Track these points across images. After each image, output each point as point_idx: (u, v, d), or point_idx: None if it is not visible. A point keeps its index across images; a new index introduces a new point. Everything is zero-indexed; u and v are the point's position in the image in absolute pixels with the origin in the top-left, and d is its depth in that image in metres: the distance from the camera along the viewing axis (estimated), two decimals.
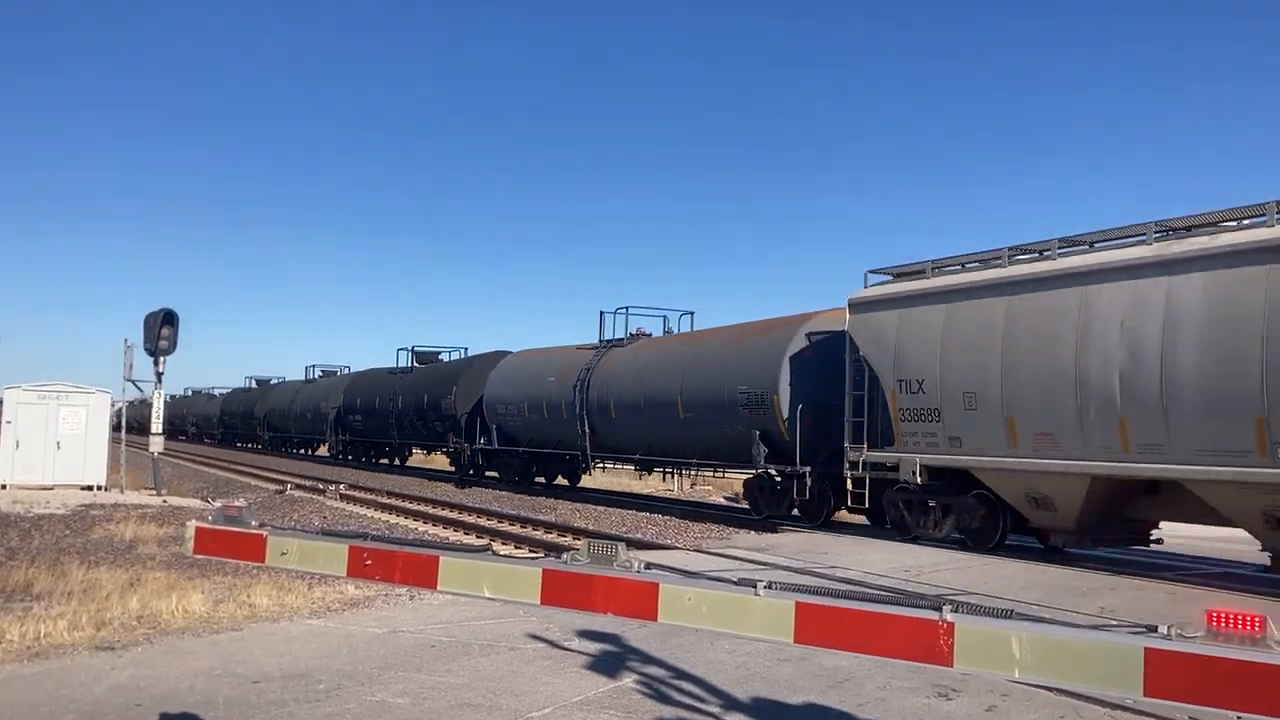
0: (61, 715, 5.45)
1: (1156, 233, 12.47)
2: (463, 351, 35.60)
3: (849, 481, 16.54)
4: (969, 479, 14.62)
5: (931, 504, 15.41)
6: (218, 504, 18.48)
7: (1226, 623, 2.28)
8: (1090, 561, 13.68)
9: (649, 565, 3.11)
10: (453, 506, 22.90)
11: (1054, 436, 13.13)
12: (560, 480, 28.47)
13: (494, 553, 3.40)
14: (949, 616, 2.54)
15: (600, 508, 22.60)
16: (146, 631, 7.66)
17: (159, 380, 23.78)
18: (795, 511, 18.73)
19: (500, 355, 31.21)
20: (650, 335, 25.35)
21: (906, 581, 11.23)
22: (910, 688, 6.36)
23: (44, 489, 22.12)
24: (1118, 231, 13.19)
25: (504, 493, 27.04)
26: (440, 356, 37.58)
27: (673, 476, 25.31)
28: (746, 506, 20.98)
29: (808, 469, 17.60)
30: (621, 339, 25.36)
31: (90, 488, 22.86)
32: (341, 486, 26.49)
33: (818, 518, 18.14)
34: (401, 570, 3.37)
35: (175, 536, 14.43)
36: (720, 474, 23.82)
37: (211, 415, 66.41)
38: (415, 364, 38.13)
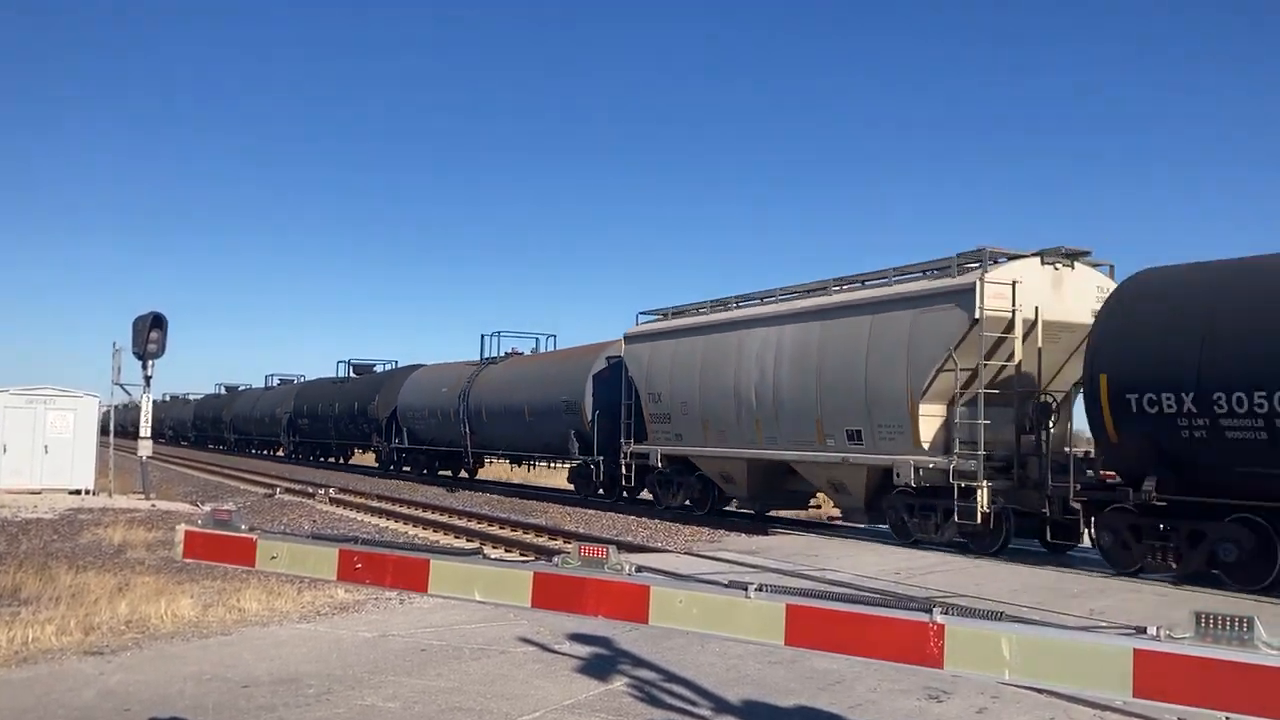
0: None
1: (782, 296, 18.28)
2: (394, 363, 41.35)
3: (623, 467, 22.13)
4: (689, 463, 20.55)
5: (672, 482, 21.40)
6: (207, 508, 18.44)
7: (1215, 624, 2.29)
8: (1083, 564, 13.71)
9: (640, 568, 3.11)
10: (443, 510, 22.86)
11: (726, 433, 18.97)
12: (462, 474, 33.80)
13: (485, 556, 3.39)
14: (939, 618, 2.54)
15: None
16: (135, 636, 7.63)
17: (147, 384, 23.69)
18: (600, 491, 24.34)
19: (412, 369, 36.85)
20: (522, 354, 30.66)
21: (897, 584, 11.26)
22: (901, 690, 6.37)
23: (32, 493, 22.02)
24: (761, 294, 18.98)
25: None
26: (375, 368, 42.51)
27: (532, 468, 30.46)
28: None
29: (602, 458, 23.24)
30: (496, 357, 30.83)
31: (78, 492, 22.78)
32: (331, 490, 26.43)
33: (612, 495, 23.86)
34: (392, 574, 3.36)
35: (164, 541, 14.38)
36: (552, 465, 28.85)
37: (186, 419, 69.87)
38: (352, 374, 43.19)
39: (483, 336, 32.76)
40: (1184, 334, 11.66)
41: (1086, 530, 13.82)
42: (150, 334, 22.84)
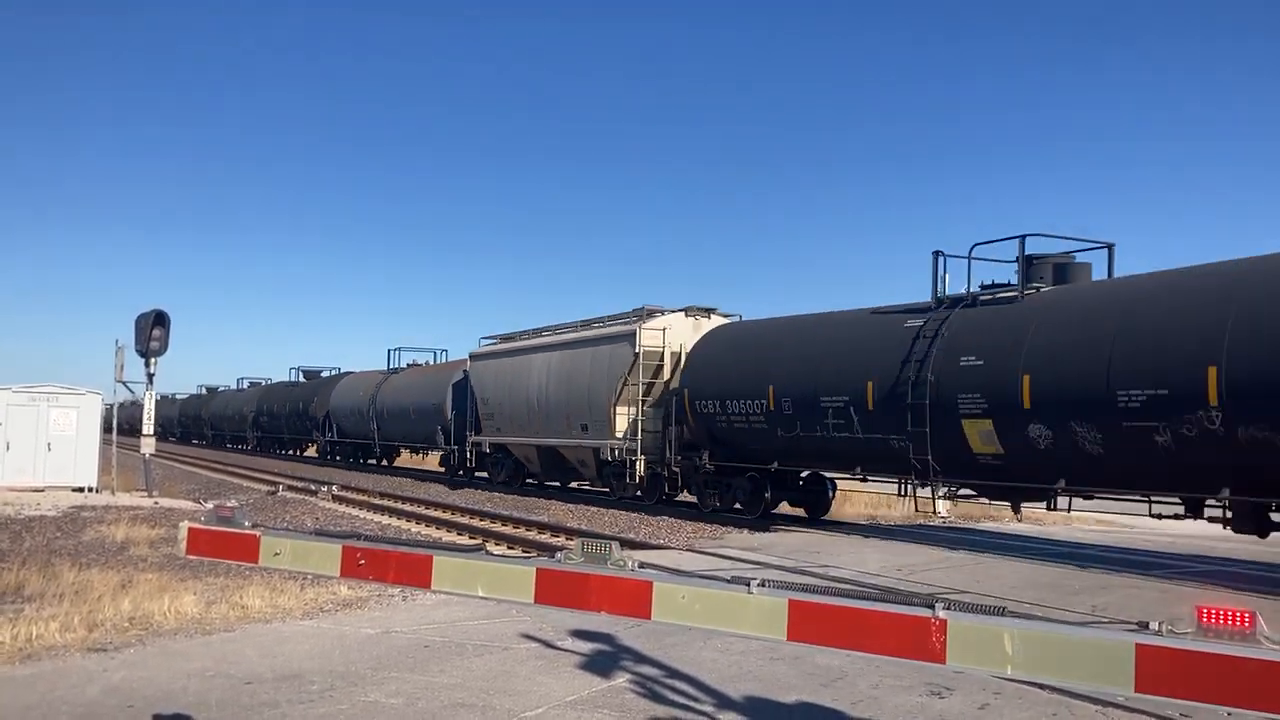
0: (54, 717, 5.44)
1: (552, 331, 26.06)
2: (338, 369, 48.85)
3: (470, 451, 29.33)
4: (506, 449, 27.61)
5: (498, 463, 28.36)
6: (210, 505, 18.43)
7: (1217, 619, 2.29)
8: (1084, 561, 13.71)
9: (642, 564, 3.12)
10: (444, 507, 22.88)
11: (524, 427, 25.95)
12: (384, 462, 41.21)
13: (488, 552, 3.40)
14: (941, 614, 2.55)
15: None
16: (139, 633, 7.64)
17: (150, 381, 23.70)
18: (460, 472, 31.38)
19: (342, 376, 44.99)
20: (420, 365, 38.51)
21: (900, 580, 11.26)
22: (903, 686, 6.38)
23: (35, 491, 22.04)
24: (546, 328, 26.57)
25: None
26: (321, 374, 50.34)
27: (424, 456, 39.02)
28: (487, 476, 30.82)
29: (456, 447, 30.47)
30: (399, 368, 39.05)
31: (82, 489, 22.79)
32: (334, 487, 26.46)
33: (464, 472, 31.12)
34: (395, 570, 3.37)
35: (167, 538, 14.40)
36: (424, 454, 38.12)
37: (172, 417, 75.85)
38: (301, 379, 52.15)
39: (389, 351, 44.74)
40: (717, 366, 19.47)
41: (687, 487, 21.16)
42: (153, 331, 22.85)
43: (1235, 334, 10.91)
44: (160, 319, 22.96)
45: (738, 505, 19.60)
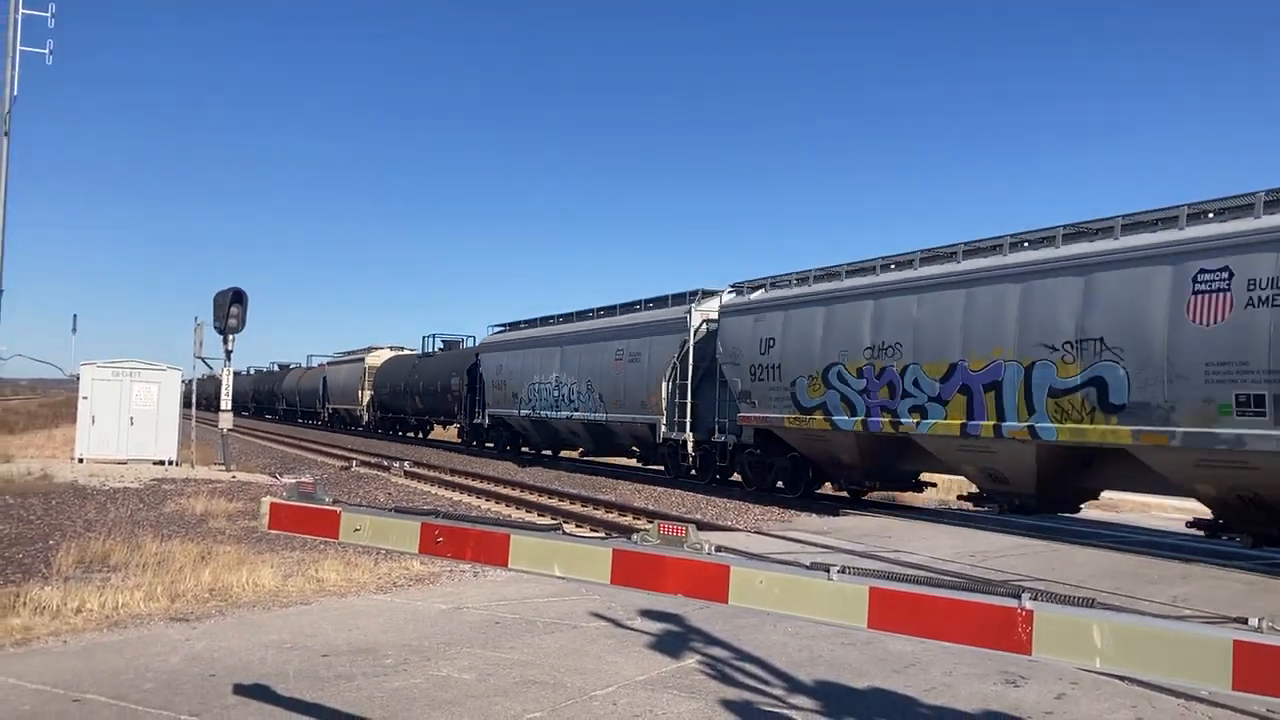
0: (140, 683, 5.60)
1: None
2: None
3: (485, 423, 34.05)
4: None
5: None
6: (288, 480, 18.75)
7: None
8: (1162, 550, 13.39)
9: (719, 548, 3.10)
10: (512, 484, 23.10)
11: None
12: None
13: (564, 532, 3.41)
14: (1028, 604, 2.49)
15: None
16: (218, 604, 7.83)
17: (228, 358, 24.22)
18: (474, 442, 36.53)
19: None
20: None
21: (973, 566, 11.11)
22: (977, 674, 6.29)
23: (119, 463, 22.70)
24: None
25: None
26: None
27: (446, 428, 44.00)
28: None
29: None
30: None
31: (162, 463, 23.42)
32: (406, 464, 26.85)
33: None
34: (473, 548, 3.39)
35: (244, 511, 14.73)
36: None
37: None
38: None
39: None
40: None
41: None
42: (231, 309, 23.32)
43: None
44: (238, 297, 23.42)
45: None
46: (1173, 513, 19.29)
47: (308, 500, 3.83)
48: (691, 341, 22.12)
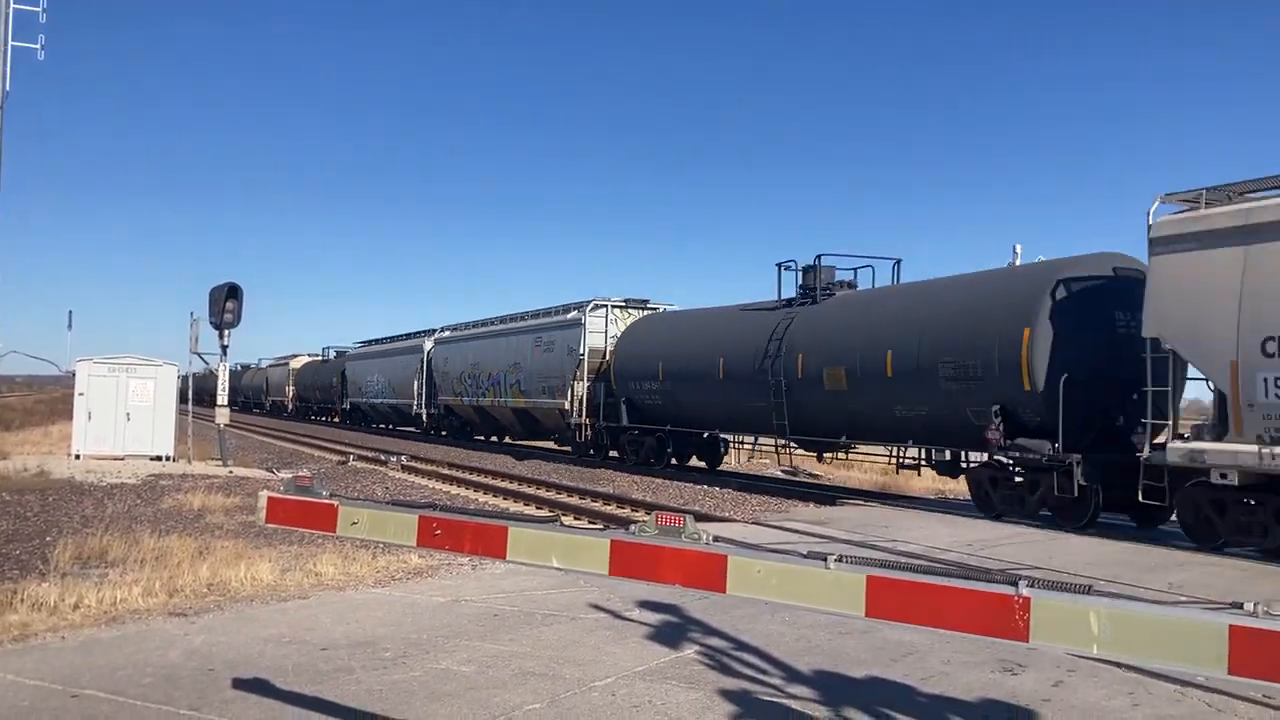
0: (140, 678, 5.60)
1: (512, 320, 34.63)
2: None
3: (439, 411, 39.63)
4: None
5: (445, 421, 39.28)
6: (285, 474, 18.76)
7: None
8: (1156, 537, 13.42)
9: (717, 538, 3.10)
10: (507, 477, 23.11)
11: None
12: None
13: (562, 524, 3.41)
14: (1025, 591, 2.50)
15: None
16: (217, 599, 7.84)
17: (224, 353, 24.24)
18: (432, 430, 41.33)
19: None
20: (339, 357, 57.27)
21: (970, 555, 11.13)
22: (975, 662, 6.31)
23: (115, 459, 22.68)
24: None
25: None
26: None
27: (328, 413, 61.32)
28: None
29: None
30: (326, 359, 61.61)
31: (159, 458, 23.40)
32: (403, 458, 26.85)
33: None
34: (471, 540, 3.39)
35: (242, 506, 14.73)
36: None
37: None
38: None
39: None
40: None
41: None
42: (226, 304, 23.31)
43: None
44: (233, 292, 23.41)
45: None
46: None
47: (305, 494, 3.83)
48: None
